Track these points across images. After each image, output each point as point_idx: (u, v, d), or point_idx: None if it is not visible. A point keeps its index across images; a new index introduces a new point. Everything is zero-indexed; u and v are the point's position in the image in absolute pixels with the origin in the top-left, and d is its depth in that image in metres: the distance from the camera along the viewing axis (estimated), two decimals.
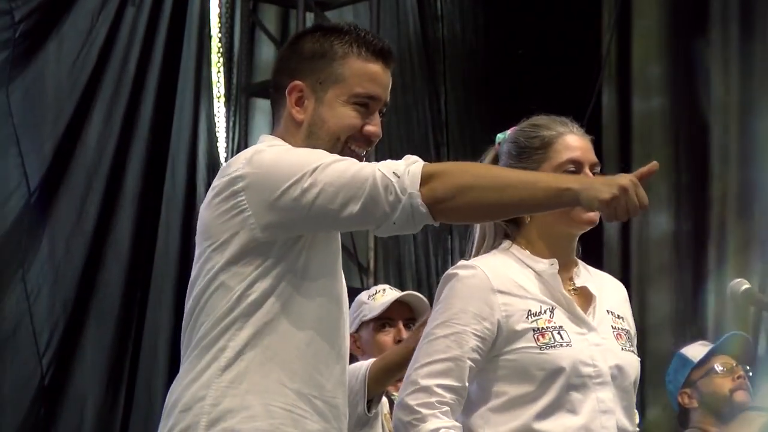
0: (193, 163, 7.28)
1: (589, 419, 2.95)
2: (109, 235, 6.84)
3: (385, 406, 3.88)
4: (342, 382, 2.84)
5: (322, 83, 2.84)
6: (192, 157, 7.28)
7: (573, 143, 3.09)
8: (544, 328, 2.98)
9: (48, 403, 6.55)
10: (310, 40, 2.88)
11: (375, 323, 4.15)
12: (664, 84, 8.03)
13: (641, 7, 8.11)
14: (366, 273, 7.55)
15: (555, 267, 3.05)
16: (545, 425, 2.94)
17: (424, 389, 2.93)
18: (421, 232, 8.98)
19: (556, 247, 3.08)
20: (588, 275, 3.14)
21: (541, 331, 2.97)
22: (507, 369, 2.97)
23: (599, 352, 3.00)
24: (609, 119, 8.15)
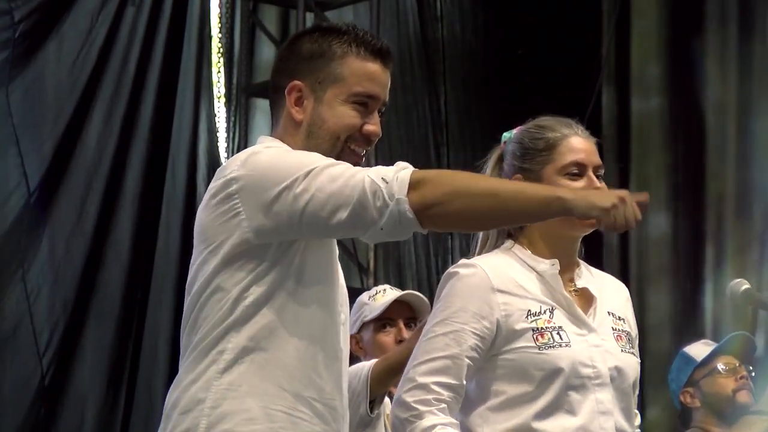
0: (193, 163, 7.28)
1: (588, 420, 2.95)
2: (109, 235, 6.83)
3: (388, 407, 3.88)
4: (340, 383, 2.84)
5: (321, 83, 2.83)
6: (192, 157, 7.28)
7: (577, 145, 3.09)
8: (544, 328, 2.98)
9: (48, 404, 6.55)
10: (309, 41, 2.88)
11: (376, 323, 4.15)
12: (663, 84, 8.03)
13: (641, 7, 8.12)
14: (366, 273, 7.55)
15: (556, 267, 3.05)
16: (544, 425, 2.94)
17: (422, 386, 2.93)
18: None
19: (557, 248, 3.08)
20: (590, 276, 3.14)
21: (540, 331, 2.97)
22: (506, 368, 2.97)
23: (598, 353, 3.00)
24: (607, 119, 8.16)
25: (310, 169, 2.67)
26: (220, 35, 7.84)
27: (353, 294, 3.26)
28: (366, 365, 3.70)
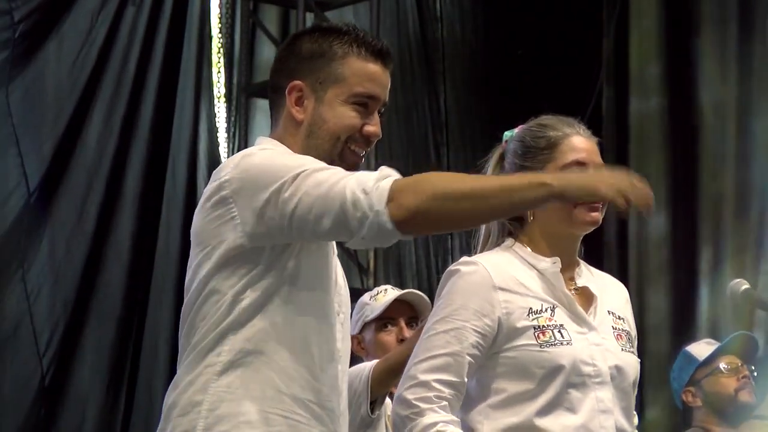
0: (193, 163, 7.28)
1: (588, 418, 2.96)
2: (109, 235, 6.83)
3: (389, 408, 3.87)
4: (338, 384, 2.84)
5: (321, 83, 2.84)
6: (193, 157, 7.28)
7: (579, 145, 3.10)
8: (545, 326, 2.98)
9: (48, 404, 6.55)
10: (309, 40, 2.89)
11: (377, 323, 4.15)
12: (663, 84, 8.03)
13: (641, 7, 8.12)
14: (366, 273, 7.55)
15: (557, 266, 3.06)
16: (544, 422, 2.94)
17: (423, 384, 2.93)
18: None
19: (558, 246, 3.09)
20: (590, 276, 3.14)
21: (541, 328, 2.98)
22: (507, 366, 2.98)
23: (599, 351, 3.01)
24: (607, 119, 8.16)
25: (297, 173, 2.67)
26: (220, 35, 7.84)
27: (354, 294, 3.26)
28: (367, 366, 3.70)
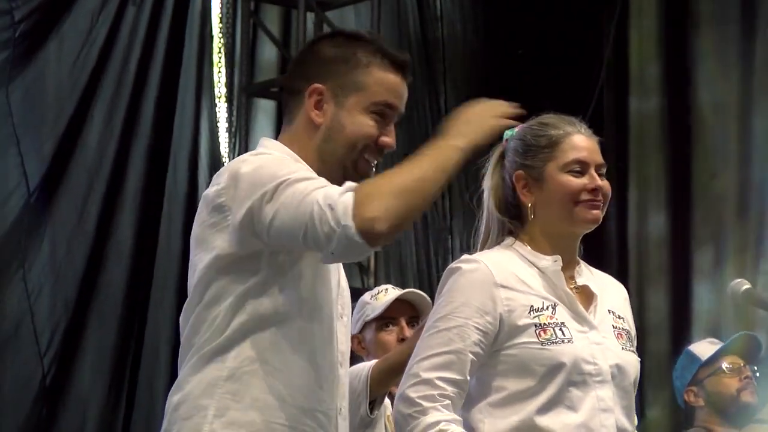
0: (194, 163, 7.28)
1: (589, 417, 2.96)
2: (110, 235, 6.83)
3: (388, 408, 3.87)
4: (341, 387, 2.85)
5: (343, 89, 2.86)
6: (194, 157, 7.28)
7: (580, 143, 3.10)
8: (546, 324, 2.98)
9: (49, 404, 6.55)
10: (331, 45, 2.91)
11: (378, 322, 4.15)
12: (663, 84, 8.03)
13: (641, 7, 8.12)
14: (366, 273, 7.55)
15: (558, 264, 3.06)
16: (545, 420, 2.95)
17: (426, 382, 2.93)
18: (421, 232, 8.97)
19: (558, 245, 3.09)
20: (590, 275, 3.15)
21: (543, 326, 2.98)
22: (508, 364, 2.98)
23: (600, 350, 3.01)
24: (607, 119, 8.16)
25: (278, 183, 2.68)
26: (221, 35, 7.83)
27: (354, 294, 3.26)
28: (366, 366, 3.70)
